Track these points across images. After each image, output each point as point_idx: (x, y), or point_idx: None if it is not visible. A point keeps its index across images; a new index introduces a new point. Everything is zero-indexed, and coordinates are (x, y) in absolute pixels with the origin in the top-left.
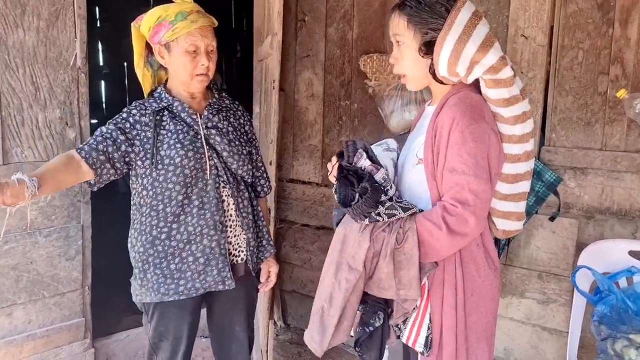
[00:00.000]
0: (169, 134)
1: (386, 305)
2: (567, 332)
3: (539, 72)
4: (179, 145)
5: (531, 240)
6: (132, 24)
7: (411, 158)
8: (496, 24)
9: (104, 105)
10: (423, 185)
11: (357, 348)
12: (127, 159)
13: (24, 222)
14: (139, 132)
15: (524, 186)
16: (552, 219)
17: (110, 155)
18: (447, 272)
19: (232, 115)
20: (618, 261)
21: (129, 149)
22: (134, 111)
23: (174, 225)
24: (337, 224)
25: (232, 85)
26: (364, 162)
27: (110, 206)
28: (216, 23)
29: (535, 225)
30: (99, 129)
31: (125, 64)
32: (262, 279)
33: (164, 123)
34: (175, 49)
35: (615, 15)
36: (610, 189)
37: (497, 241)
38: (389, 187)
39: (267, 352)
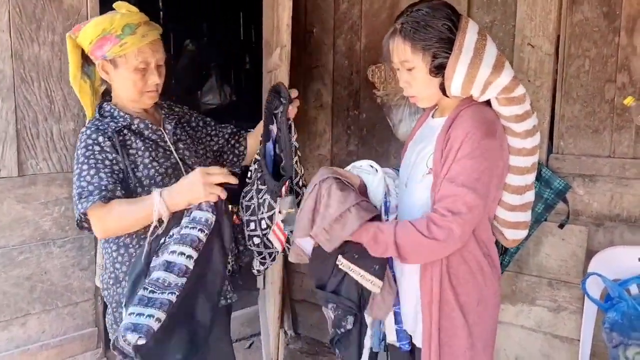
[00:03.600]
0: (139, 153)
1: (357, 309)
2: (579, 340)
3: (546, 81)
4: (155, 164)
5: (540, 248)
6: (67, 34)
7: (421, 168)
8: (502, 34)
9: None
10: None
11: (334, 346)
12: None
13: (39, 232)
14: (109, 154)
15: (530, 196)
16: (561, 226)
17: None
18: (454, 280)
19: (185, 123)
20: (628, 268)
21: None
22: (93, 135)
23: None
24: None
25: (241, 96)
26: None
27: None
28: (161, 31)
29: (545, 233)
30: (86, 175)
31: None
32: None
33: (129, 142)
34: (123, 65)
35: (621, 23)
36: (620, 196)
37: (506, 249)
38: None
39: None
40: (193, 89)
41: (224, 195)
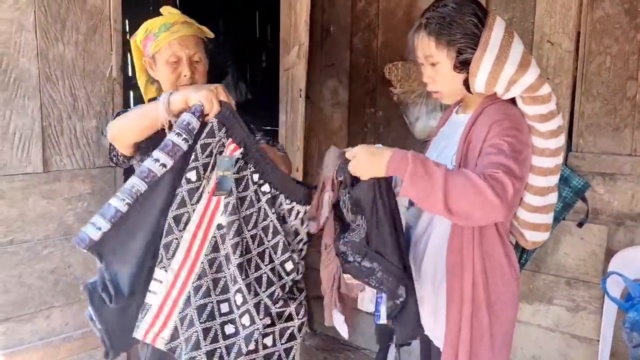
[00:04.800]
0: None
1: (404, 274)
2: (597, 340)
3: (565, 78)
4: None
5: (559, 247)
6: (130, 38)
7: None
8: (521, 31)
9: None
10: None
11: (390, 323)
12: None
13: (63, 227)
14: None
15: (553, 198)
16: (580, 225)
17: None
18: (469, 279)
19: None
20: None
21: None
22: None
23: None
24: None
25: (258, 93)
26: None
27: None
28: (208, 34)
29: (563, 232)
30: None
31: None
32: None
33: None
34: (159, 60)
35: None
36: None
37: (524, 248)
38: None
39: (293, 357)
40: None
41: (216, 111)
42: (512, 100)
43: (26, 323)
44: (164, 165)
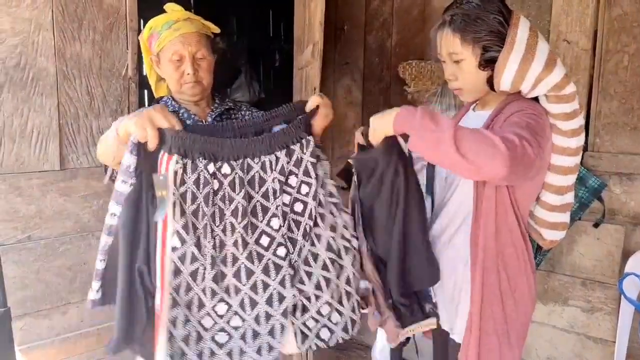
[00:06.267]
0: None
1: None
2: (613, 342)
3: (582, 77)
4: None
5: (574, 247)
6: (138, 37)
7: None
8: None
9: None
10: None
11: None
12: None
13: (79, 224)
14: None
15: (571, 197)
16: (596, 225)
17: None
18: (492, 268)
19: (235, 120)
20: None
21: None
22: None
23: None
24: None
25: (271, 92)
26: None
27: None
28: (214, 29)
29: (579, 232)
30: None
31: None
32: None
33: None
34: (163, 58)
35: None
36: None
37: (539, 247)
38: None
39: (306, 356)
40: (223, 86)
41: (152, 139)
42: (534, 98)
43: (43, 319)
44: (114, 215)
